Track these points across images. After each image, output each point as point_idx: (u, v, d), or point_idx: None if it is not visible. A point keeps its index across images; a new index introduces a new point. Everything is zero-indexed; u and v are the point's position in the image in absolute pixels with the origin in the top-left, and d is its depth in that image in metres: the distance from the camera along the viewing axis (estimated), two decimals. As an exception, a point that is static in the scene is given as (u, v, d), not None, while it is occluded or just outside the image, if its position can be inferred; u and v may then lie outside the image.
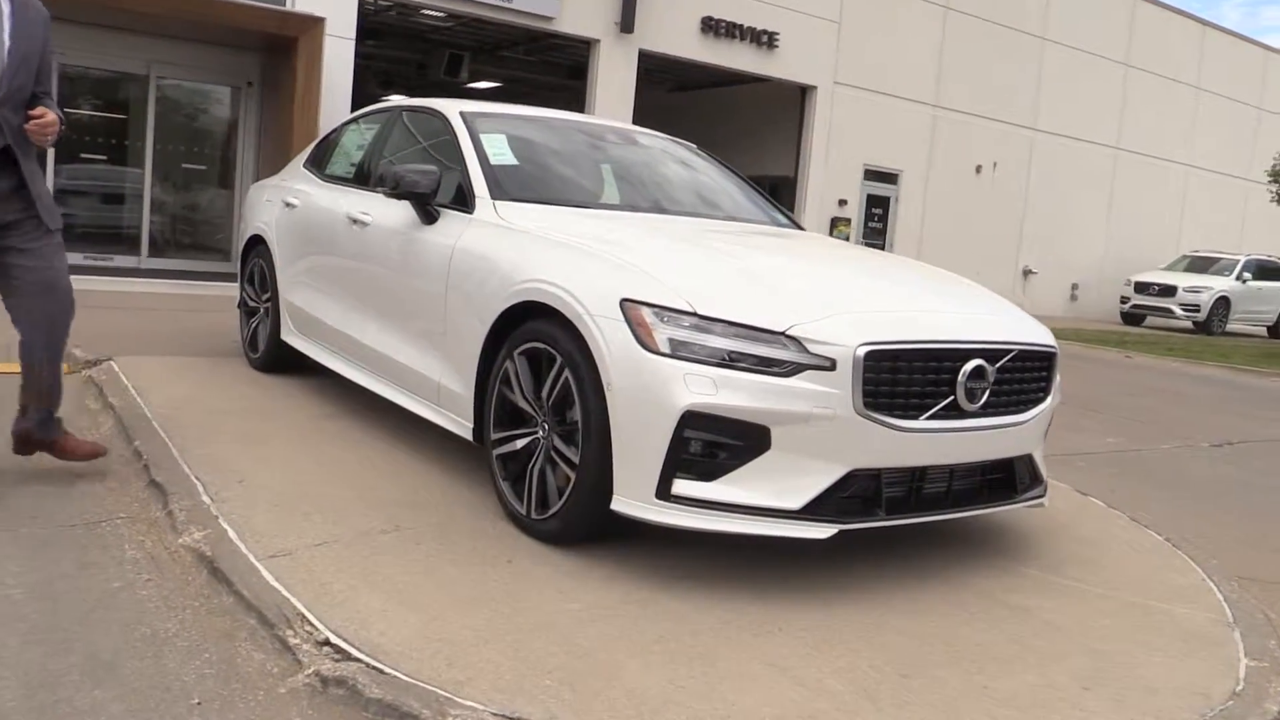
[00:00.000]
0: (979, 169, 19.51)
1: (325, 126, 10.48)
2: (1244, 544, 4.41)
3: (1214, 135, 23.49)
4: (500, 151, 4.19)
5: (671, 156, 4.91)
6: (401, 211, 4.23)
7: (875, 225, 18.61)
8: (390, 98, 12.08)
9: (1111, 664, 2.82)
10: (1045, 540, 3.93)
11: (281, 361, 5.54)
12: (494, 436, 3.54)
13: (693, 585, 3.07)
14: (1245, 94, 23.98)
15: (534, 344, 3.34)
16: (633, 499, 3.02)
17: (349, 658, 2.43)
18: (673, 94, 19.49)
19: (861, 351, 2.98)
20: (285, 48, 10.60)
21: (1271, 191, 18.41)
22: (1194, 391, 10.35)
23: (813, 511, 2.99)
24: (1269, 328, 20.65)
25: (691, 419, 2.92)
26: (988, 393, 3.27)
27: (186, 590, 2.84)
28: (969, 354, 3.23)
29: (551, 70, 18.97)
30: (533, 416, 3.39)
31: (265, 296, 5.58)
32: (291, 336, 5.31)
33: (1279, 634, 3.23)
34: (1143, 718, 2.51)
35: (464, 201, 4.01)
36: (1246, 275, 19.86)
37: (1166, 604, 3.37)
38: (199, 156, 11.68)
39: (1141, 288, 20.53)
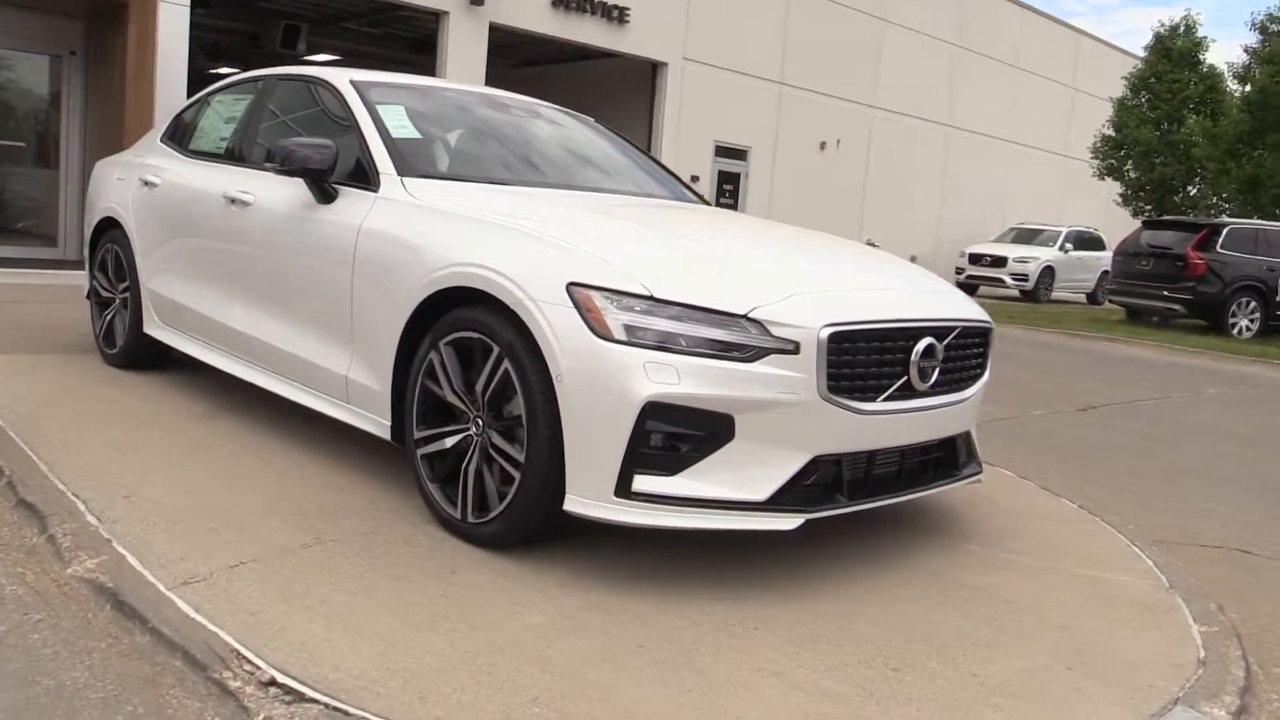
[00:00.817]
0: (823, 145, 19.94)
1: (161, 100, 9.70)
2: (1140, 506, 4.55)
3: (1034, 114, 24.79)
4: (401, 124, 3.86)
5: (575, 130, 4.66)
6: (291, 190, 3.84)
7: (726, 201, 18.77)
8: (228, 70, 11.26)
9: (1084, 641, 2.81)
10: (974, 514, 3.94)
11: (143, 357, 5.03)
12: (418, 435, 3.25)
13: (651, 586, 2.89)
14: (1061, 74, 25.39)
15: (464, 333, 3.07)
16: (588, 498, 2.80)
17: (303, 699, 2.14)
18: (520, 69, 19.08)
19: (825, 333, 2.86)
20: (112, 14, 9.70)
21: (1093, 167, 19.54)
22: (1041, 357, 10.84)
23: (778, 502, 2.86)
24: (1087, 294, 21.96)
25: (653, 410, 2.72)
26: (937, 371, 3.21)
27: (89, 630, 2.46)
28: (920, 333, 3.16)
29: (394, 44, 18.25)
30: (464, 412, 3.12)
31: (123, 286, 5.04)
32: (156, 329, 4.81)
33: (1214, 596, 3.30)
34: (1135, 694, 2.49)
35: (364, 178, 3.66)
36: (1068, 245, 21.06)
37: (1107, 573, 3.41)
38: (14, 132, 10.60)
39: (975, 259, 21.48)
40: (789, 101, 19.26)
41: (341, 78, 4.10)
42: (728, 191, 18.76)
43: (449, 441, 3.15)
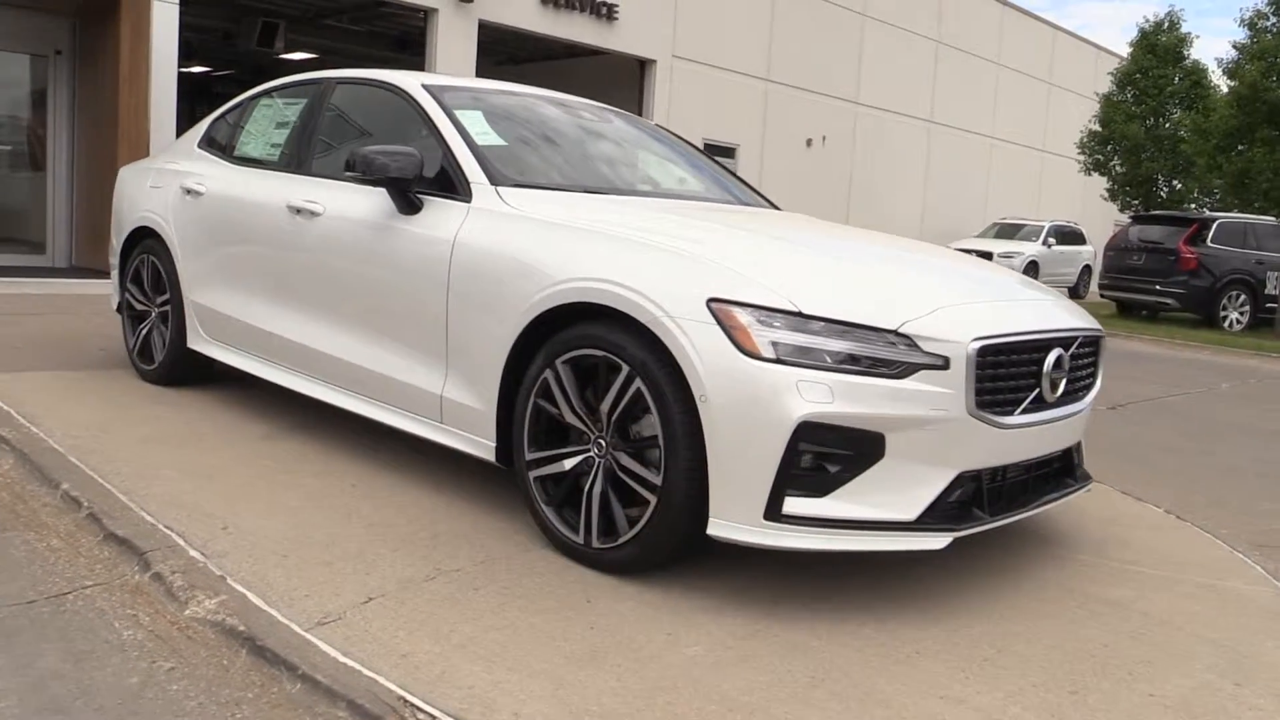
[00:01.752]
0: (809, 142, 19.90)
1: (156, 101, 9.42)
2: (1217, 508, 4.50)
3: (1012, 109, 24.94)
4: (483, 131, 3.70)
5: (644, 134, 4.53)
6: (370, 200, 3.67)
7: (714, 200, 18.65)
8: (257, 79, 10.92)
9: (1238, 655, 2.74)
10: (1067, 521, 3.87)
11: (183, 373, 4.83)
12: (530, 457, 3.10)
13: (795, 610, 2.77)
14: (1038, 70, 25.57)
15: (585, 351, 2.93)
16: (735, 522, 2.68)
17: (493, 751, 1.99)
18: (504, 67, 18.85)
19: (975, 347, 2.75)
20: (102, 12, 9.39)
21: (1079, 162, 19.66)
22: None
23: (926, 521, 2.75)
24: (1069, 289, 22.12)
25: (806, 430, 2.60)
26: (1064, 382, 3.13)
27: (229, 678, 2.29)
28: (1051, 343, 3.08)
29: (377, 41, 17.95)
30: (584, 433, 2.98)
31: (161, 299, 4.83)
32: (202, 344, 4.61)
33: (1341, 605, 3.25)
34: (1326, 718, 2.41)
35: (449, 188, 3.50)
36: (1051, 240, 21.19)
37: (1226, 581, 3.36)
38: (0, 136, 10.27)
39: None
40: (775, 99, 19.20)
41: (412, 81, 3.93)
42: None
43: (567, 464, 3.01)
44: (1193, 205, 19.21)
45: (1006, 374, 2.91)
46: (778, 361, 2.62)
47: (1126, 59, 19.91)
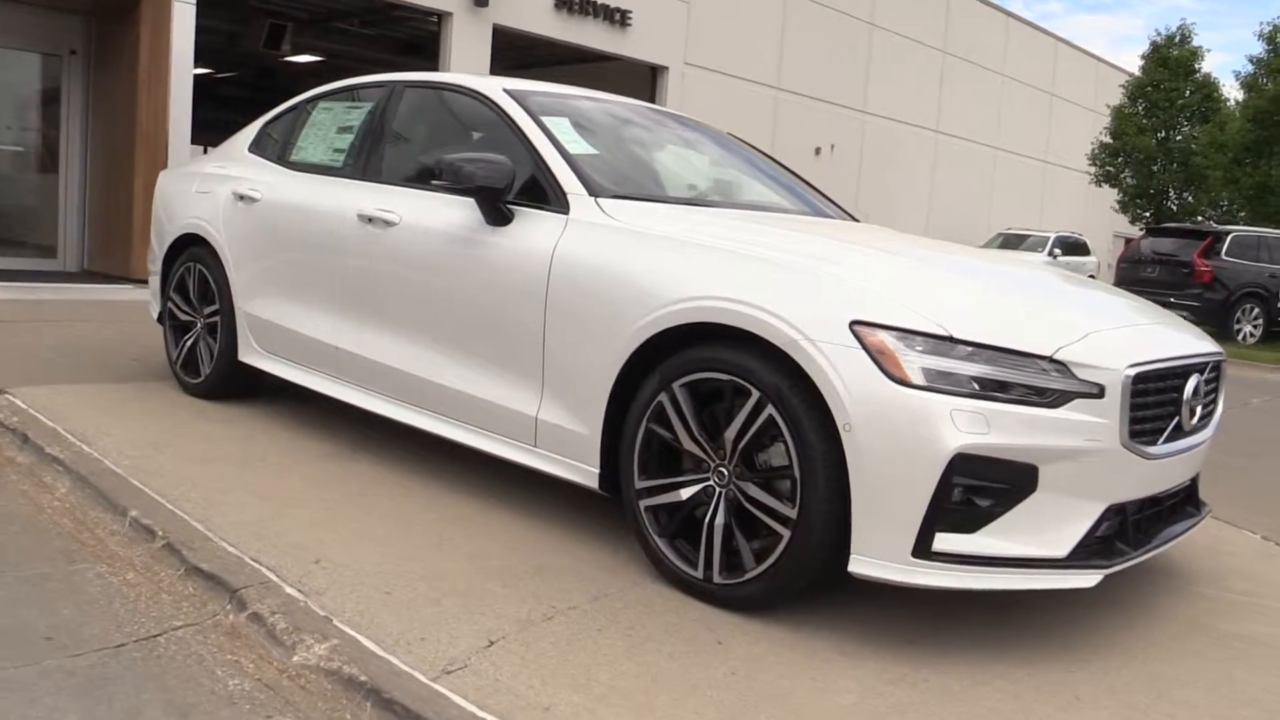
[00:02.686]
0: (818, 151, 19.79)
1: (175, 104, 9.20)
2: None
3: (1016, 120, 24.92)
4: (573, 139, 3.52)
5: (732, 145, 4.35)
6: (452, 210, 3.49)
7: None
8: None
9: None
10: (1171, 551, 3.70)
11: (232, 387, 4.63)
12: (640, 485, 2.91)
13: (932, 651, 2.60)
14: (1041, 81, 25.56)
15: (707, 374, 2.75)
16: (880, 559, 2.50)
17: (672, 824, 1.81)
18: (512, 72, 18.66)
19: (1130, 374, 2.59)
20: (118, 11, 9.16)
21: (1089, 174, 19.61)
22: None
23: (1077, 557, 2.58)
24: (1074, 300, 22.04)
25: (961, 463, 2.43)
26: (1199, 408, 2.98)
27: (358, 735, 2.10)
28: (1190, 369, 2.92)
29: (385, 45, 17.75)
30: (703, 460, 2.80)
31: (209, 309, 4.62)
32: (256, 357, 4.41)
33: None
34: None
35: (540, 198, 3.32)
36: (1057, 251, 21.13)
37: (1362, 620, 3.19)
38: (8, 136, 9.99)
39: (964, 265, 21.44)
40: (785, 107, 19.09)
41: (492, 85, 3.75)
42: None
43: (684, 493, 2.83)
44: (1200, 218, 19.18)
45: (1154, 402, 2.74)
46: (928, 389, 2.45)
47: (1139, 72, 19.89)
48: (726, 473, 2.75)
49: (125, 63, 8.99)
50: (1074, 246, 21.92)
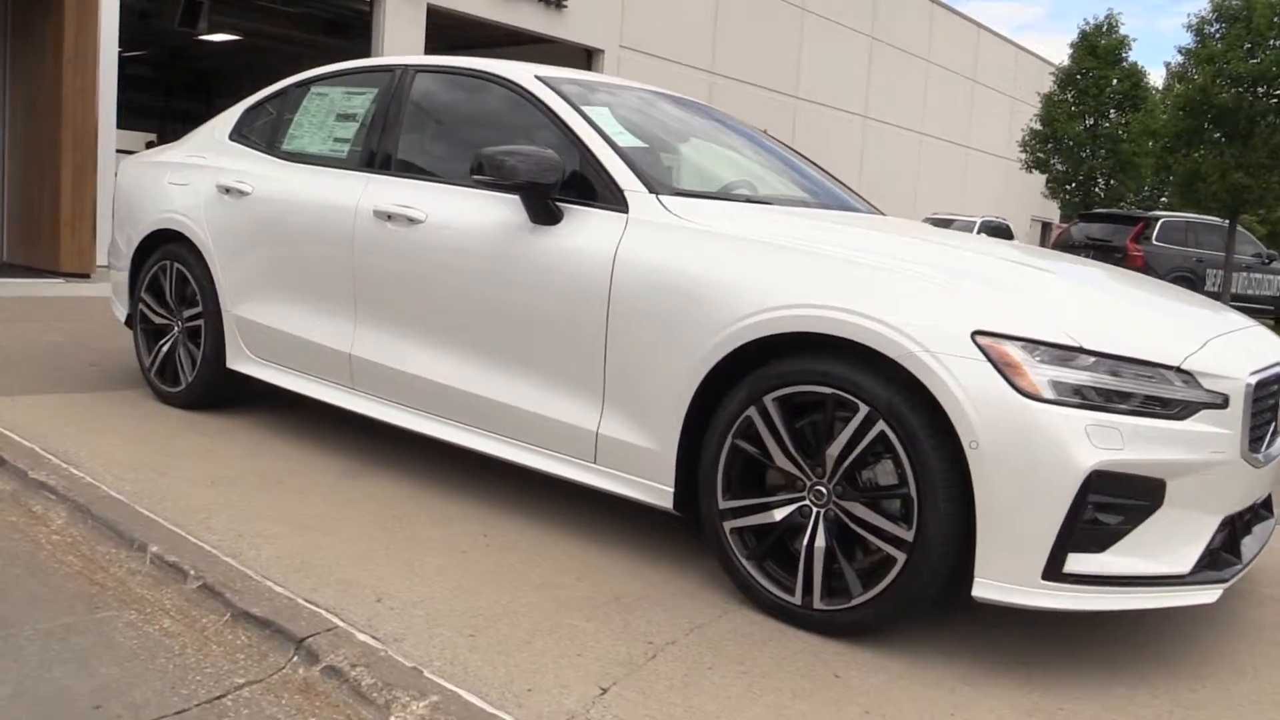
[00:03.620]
0: (751, 136, 19.72)
1: (103, 84, 8.62)
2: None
3: (940, 105, 25.27)
4: (617, 130, 3.29)
5: (758, 136, 4.15)
6: (492, 207, 3.23)
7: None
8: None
9: None
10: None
11: (216, 395, 4.29)
12: (725, 505, 2.72)
13: (1051, 676, 2.47)
14: (963, 67, 25.96)
15: (805, 387, 2.56)
16: (1007, 582, 2.35)
17: None
18: (443, 54, 18.15)
19: (1252, 381, 2.49)
20: (39, -15, 8.50)
21: (1020, 160, 19.95)
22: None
23: (1198, 572, 2.47)
24: (998, 283, 22.49)
25: (1096, 480, 2.30)
26: (1289, 412, 2.90)
27: (489, 809, 1.87)
28: (1287, 372, 2.83)
29: (308, 25, 17.06)
30: (797, 479, 2.62)
31: (190, 312, 4.26)
32: (247, 364, 4.07)
33: None
34: None
35: (589, 195, 3.09)
36: (982, 235, 21.49)
37: None
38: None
39: (894, 249, 21.68)
40: (720, 91, 18.96)
41: (522, 72, 3.48)
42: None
43: (777, 514, 2.64)
44: (1124, 204, 19.71)
45: (1265, 409, 2.65)
46: (1059, 403, 2.30)
47: (1068, 60, 20.28)
48: (825, 491, 2.57)
49: (48, 39, 8.35)
50: (998, 230, 22.31)
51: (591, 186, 3.10)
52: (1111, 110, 18.79)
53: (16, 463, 3.45)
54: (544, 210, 3.08)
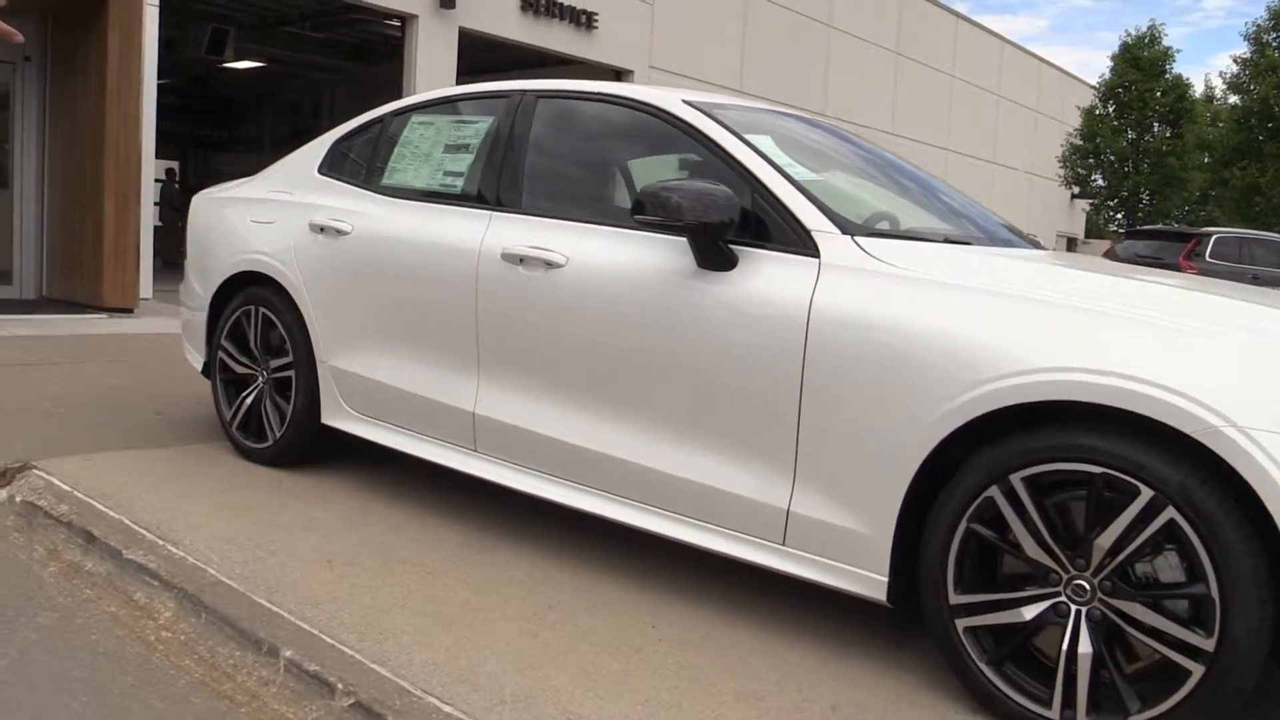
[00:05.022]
0: (782, 155, 19.40)
1: (147, 114, 8.31)
2: None
3: (965, 121, 24.93)
4: (787, 162, 2.92)
5: (897, 158, 3.77)
6: (649, 250, 2.86)
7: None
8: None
9: None
10: None
11: (308, 452, 3.93)
12: (958, 600, 2.33)
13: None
14: (988, 82, 25.64)
15: (1064, 465, 2.18)
16: (1339, 707, 1.96)
17: None
18: (470, 78, 17.89)
19: None
20: (79, 13, 8.20)
21: (1059, 176, 19.59)
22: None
23: None
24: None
25: None
26: None
27: None
28: None
29: (335, 51, 16.81)
30: (1051, 570, 2.23)
31: (279, 362, 3.90)
32: (346, 420, 3.70)
33: None
34: None
35: (762, 236, 2.72)
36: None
37: None
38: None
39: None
40: (750, 110, 18.64)
41: (669, 99, 3.12)
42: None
43: (1027, 612, 2.25)
44: (1167, 221, 19.33)
45: None
46: (1406, 489, 1.92)
47: (1109, 73, 19.94)
48: (1088, 587, 2.19)
49: (91, 69, 8.04)
50: (1033, 246, 21.93)
51: (764, 226, 2.73)
52: (1155, 124, 18.45)
53: (108, 539, 3.09)
54: (716, 254, 2.71)
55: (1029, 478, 2.22)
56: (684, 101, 3.08)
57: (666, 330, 2.78)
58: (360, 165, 3.91)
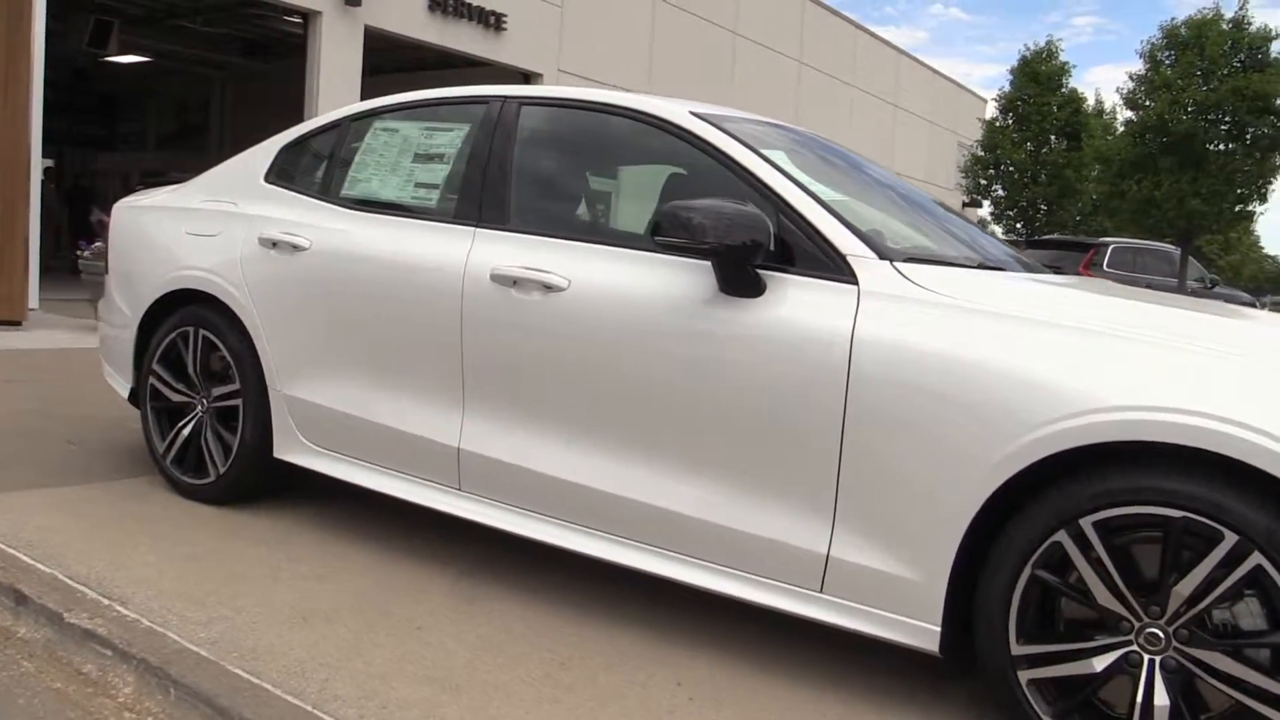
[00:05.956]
0: (689, 162, 19.37)
1: (36, 111, 7.70)
2: None
3: (866, 130, 25.38)
4: (808, 180, 2.75)
5: (898, 179, 3.64)
6: (664, 274, 2.65)
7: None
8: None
9: None
10: None
11: (252, 487, 3.60)
12: (1021, 651, 2.19)
13: None
14: (886, 92, 26.17)
15: (1139, 509, 2.06)
16: None
17: None
18: (373, 78, 17.31)
19: None
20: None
21: (960, 186, 20.06)
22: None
23: None
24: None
25: None
26: None
27: None
28: None
29: (228, 46, 16.06)
30: (1123, 619, 2.11)
31: (223, 390, 3.55)
32: (304, 454, 3.39)
33: None
34: None
35: (786, 260, 2.54)
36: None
37: None
38: None
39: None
40: (658, 116, 18.55)
41: (675, 110, 2.91)
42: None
43: (1097, 663, 2.12)
44: (1066, 231, 19.97)
45: None
46: None
47: (1008, 86, 20.50)
48: (1163, 635, 2.07)
49: (-31, 60, 7.39)
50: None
51: (789, 250, 2.55)
52: (1053, 136, 19.06)
53: (43, 600, 2.71)
54: (744, 279, 2.51)
55: (1101, 522, 2.10)
56: (691, 113, 2.88)
57: (685, 360, 2.58)
58: (315, 174, 3.59)
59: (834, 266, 2.48)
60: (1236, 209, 14.53)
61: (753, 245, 2.45)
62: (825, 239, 2.51)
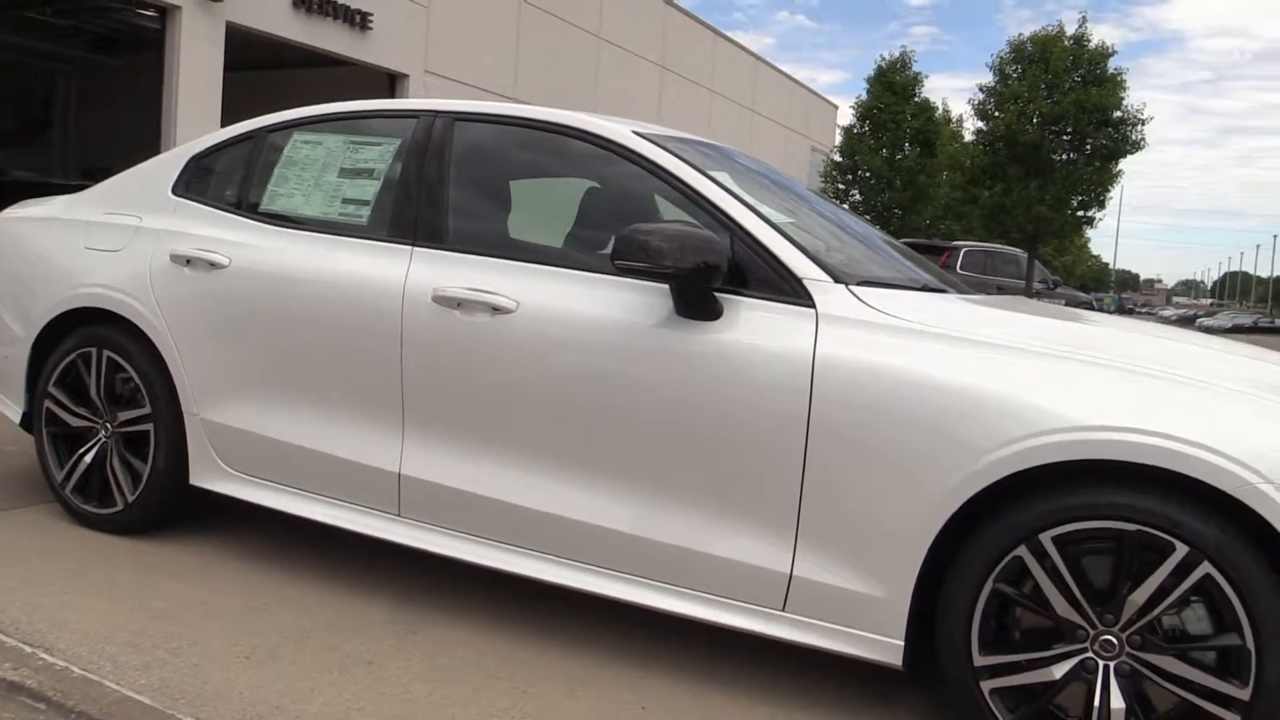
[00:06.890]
0: (556, 164, 19.35)
1: None
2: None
3: (725, 134, 25.83)
4: (758, 203, 2.79)
5: (816, 195, 3.72)
6: (619, 296, 2.65)
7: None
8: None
9: None
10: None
11: (161, 517, 3.42)
12: (983, 662, 2.29)
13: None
14: (744, 98, 26.77)
15: (1096, 523, 2.19)
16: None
17: None
18: (237, 74, 16.60)
19: None
20: None
21: (822, 189, 20.65)
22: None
23: None
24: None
25: None
26: None
27: None
28: None
29: (75, 41, 15.09)
30: (1079, 628, 2.23)
31: (130, 415, 3.35)
32: (224, 481, 3.23)
33: None
34: None
35: (739, 283, 2.58)
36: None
37: None
38: None
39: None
40: (526, 118, 18.44)
41: (619, 129, 2.91)
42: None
43: (1056, 671, 2.24)
44: (915, 235, 20.85)
45: None
46: None
47: (864, 95, 21.23)
48: (1116, 642, 2.21)
49: None
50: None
51: (743, 273, 2.59)
52: (907, 143, 19.89)
53: (-47, 651, 2.51)
54: (702, 303, 2.54)
55: (1060, 536, 2.21)
56: (635, 133, 2.89)
57: (641, 383, 2.58)
58: (230, 187, 3.42)
59: (790, 290, 2.54)
60: (1079, 215, 15.55)
61: (711, 268, 2.48)
62: (781, 263, 2.56)
